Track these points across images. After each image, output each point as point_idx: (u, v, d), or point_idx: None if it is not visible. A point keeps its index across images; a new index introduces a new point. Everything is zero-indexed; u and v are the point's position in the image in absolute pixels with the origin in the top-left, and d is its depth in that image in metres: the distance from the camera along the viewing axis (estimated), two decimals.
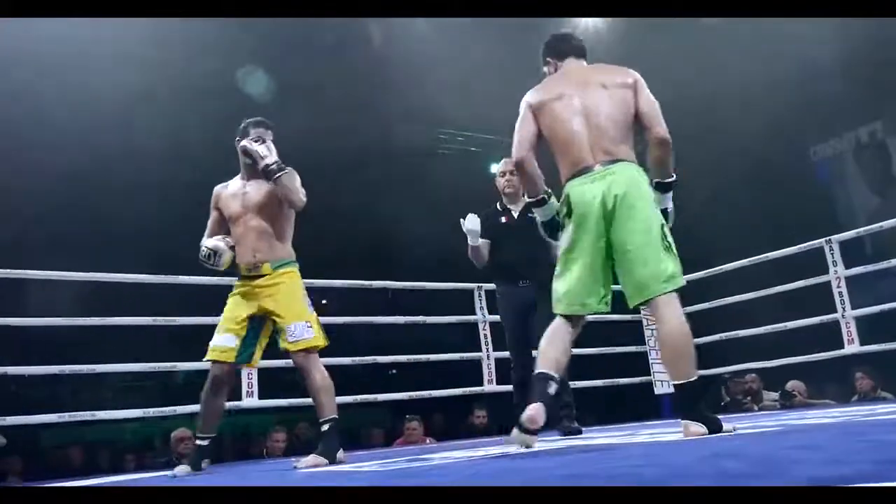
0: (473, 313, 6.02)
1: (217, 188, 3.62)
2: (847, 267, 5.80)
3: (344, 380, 7.97)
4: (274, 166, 3.38)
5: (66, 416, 4.83)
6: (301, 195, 3.45)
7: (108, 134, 7.65)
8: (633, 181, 2.68)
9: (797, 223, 7.64)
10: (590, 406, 7.73)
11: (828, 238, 5.90)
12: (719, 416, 2.72)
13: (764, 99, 8.18)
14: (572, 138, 2.75)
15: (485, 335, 5.94)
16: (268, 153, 3.40)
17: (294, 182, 3.43)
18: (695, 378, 2.61)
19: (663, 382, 6.60)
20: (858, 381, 6.15)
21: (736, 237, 7.99)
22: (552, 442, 3.43)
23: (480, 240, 4.27)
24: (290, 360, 3.48)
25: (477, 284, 6.01)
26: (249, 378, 4.96)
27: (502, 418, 7.25)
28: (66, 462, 6.80)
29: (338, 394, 5.55)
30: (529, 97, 2.89)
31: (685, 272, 2.78)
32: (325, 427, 3.39)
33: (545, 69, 3.08)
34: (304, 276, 3.57)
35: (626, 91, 2.80)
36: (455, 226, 4.32)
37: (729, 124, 8.69)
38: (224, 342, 3.40)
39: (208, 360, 3.42)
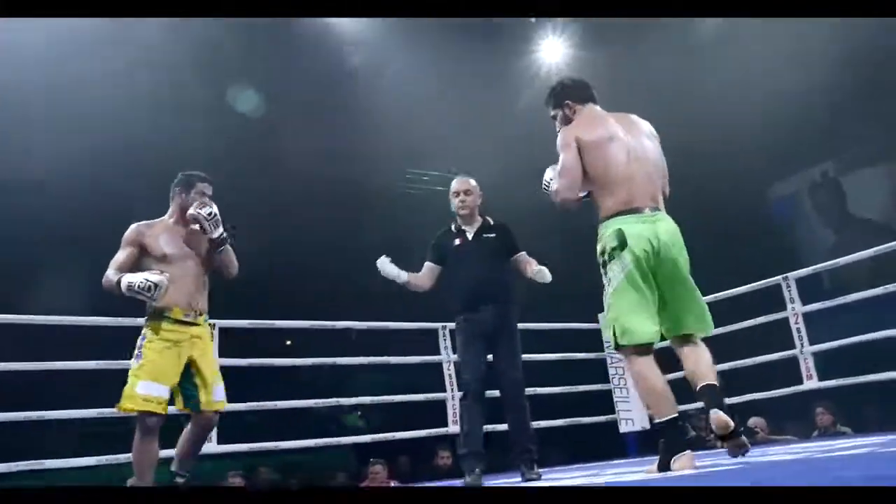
0: (438, 353, 5.93)
1: (139, 226, 3.46)
2: (806, 303, 5.83)
3: (308, 422, 7.85)
4: (221, 238, 3.45)
5: (12, 466, 4.59)
6: (236, 267, 3.58)
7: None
8: (677, 231, 2.88)
9: (756, 261, 7.70)
10: (555, 444, 7.66)
11: (785, 275, 5.94)
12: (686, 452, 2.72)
13: (722, 139, 8.32)
14: (626, 180, 2.84)
15: (449, 374, 5.84)
16: (217, 224, 3.43)
17: (231, 253, 3.56)
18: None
19: (628, 421, 6.55)
20: (819, 416, 6.17)
21: (696, 275, 8.02)
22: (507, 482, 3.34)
23: (407, 274, 4.15)
24: (245, 405, 3.36)
25: (441, 324, 5.93)
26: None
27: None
28: None
29: (301, 437, 5.47)
30: (580, 133, 2.92)
31: None
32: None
33: (559, 111, 3.13)
34: (267, 316, 3.50)
35: (659, 145, 3.02)
36: (419, 263, 4.25)
37: (689, 163, 8.79)
38: (158, 392, 3.23)
39: (140, 411, 3.21)
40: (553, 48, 9.47)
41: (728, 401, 6.21)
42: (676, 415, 2.78)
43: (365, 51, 8.54)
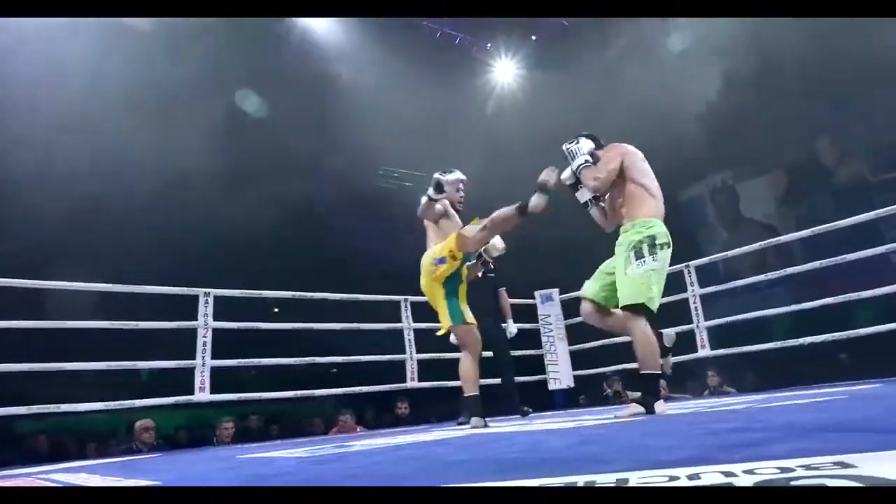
0: (401, 321, 5.97)
1: None
2: (703, 286, 5.99)
3: (290, 377, 7.83)
4: None
5: (34, 409, 4.54)
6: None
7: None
8: None
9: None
10: (500, 399, 7.75)
11: (687, 263, 6.08)
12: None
13: (644, 146, 8.44)
14: (657, 192, 3.20)
15: (409, 339, 5.88)
16: None
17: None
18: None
19: (556, 380, 6.67)
20: (709, 378, 6.36)
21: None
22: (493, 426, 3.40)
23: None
24: (236, 361, 3.35)
25: (403, 297, 5.97)
26: (202, 375, 4.77)
27: (420, 409, 7.22)
28: (36, 449, 6.41)
29: (284, 389, 5.46)
30: (627, 149, 3.24)
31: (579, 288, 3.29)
32: None
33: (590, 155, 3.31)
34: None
35: None
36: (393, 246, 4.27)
37: None
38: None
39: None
40: (505, 69, 9.52)
41: (632, 367, 6.40)
42: (660, 370, 3.07)
43: (341, 58, 8.47)
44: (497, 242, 3.86)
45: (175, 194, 7.67)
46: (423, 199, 3.61)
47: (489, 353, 5.03)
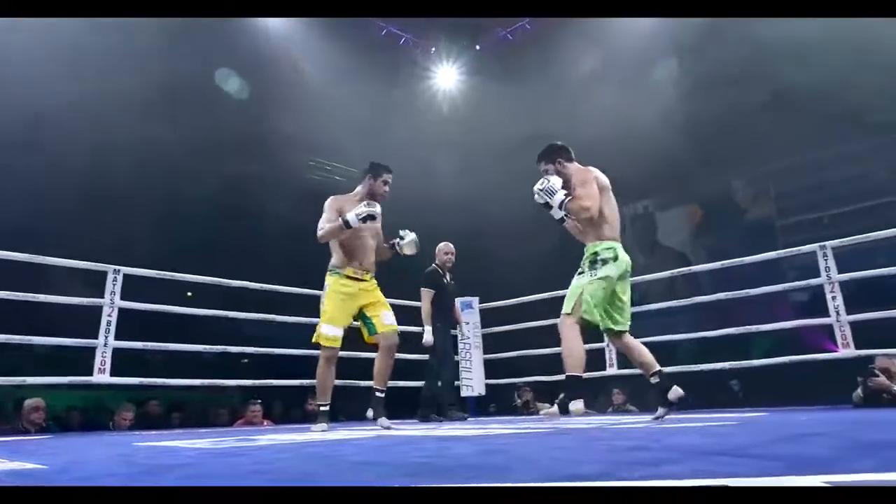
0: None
1: (337, 198, 3.78)
2: None
3: (198, 365, 7.57)
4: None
5: None
6: (383, 258, 3.95)
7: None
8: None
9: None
10: (415, 403, 7.74)
11: None
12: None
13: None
14: (617, 218, 3.42)
15: None
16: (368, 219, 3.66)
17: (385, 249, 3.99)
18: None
19: (469, 387, 6.73)
20: (614, 396, 6.58)
21: (535, 277, 8.29)
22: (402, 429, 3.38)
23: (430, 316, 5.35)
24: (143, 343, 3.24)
25: (321, 292, 5.89)
26: (103, 356, 4.54)
27: (334, 406, 7.12)
28: None
29: (191, 377, 5.26)
30: (598, 175, 3.41)
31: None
32: None
33: (550, 166, 3.46)
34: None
35: None
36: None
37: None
38: (333, 332, 3.63)
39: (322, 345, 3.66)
40: (447, 74, 9.58)
41: (545, 379, 6.55)
42: (581, 375, 3.28)
43: (283, 47, 8.31)
44: (406, 250, 3.90)
45: (101, 165, 7.32)
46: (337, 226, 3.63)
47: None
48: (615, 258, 3.29)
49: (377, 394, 3.77)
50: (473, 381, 6.70)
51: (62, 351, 5.12)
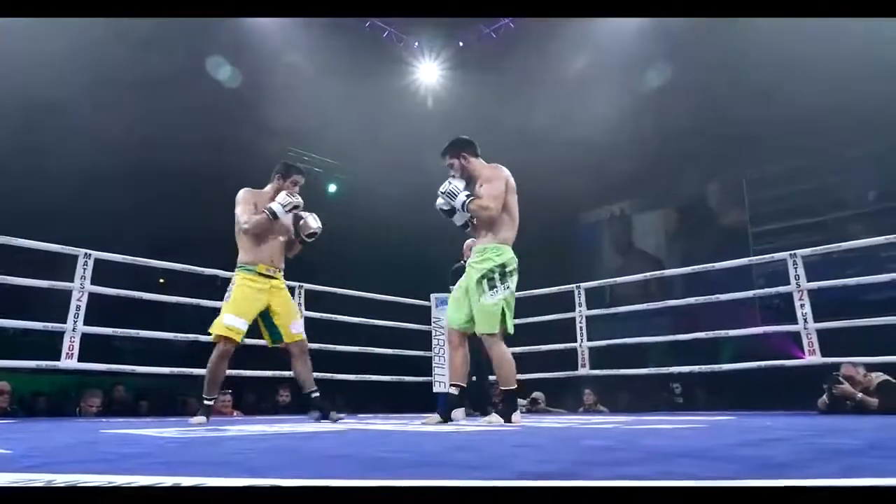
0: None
1: (250, 191, 3.72)
2: (590, 308, 6.24)
3: (169, 353, 7.46)
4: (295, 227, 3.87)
5: None
6: (294, 253, 3.89)
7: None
8: None
9: (561, 270, 8.09)
10: (379, 397, 7.74)
11: (578, 284, 6.32)
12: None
13: (545, 170, 8.64)
14: (517, 219, 3.38)
15: None
16: (286, 213, 3.65)
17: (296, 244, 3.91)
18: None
19: (440, 383, 6.73)
20: (585, 395, 6.63)
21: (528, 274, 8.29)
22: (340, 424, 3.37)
23: None
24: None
25: (298, 284, 5.85)
26: (71, 341, 4.46)
27: (302, 398, 7.08)
28: None
29: (162, 364, 5.19)
30: (507, 174, 3.35)
31: None
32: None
33: (456, 160, 3.41)
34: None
35: None
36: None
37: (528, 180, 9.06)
38: (238, 324, 3.49)
39: (222, 336, 3.50)
40: (429, 70, 9.56)
41: (520, 377, 6.62)
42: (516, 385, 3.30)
43: (270, 45, 8.23)
44: (310, 222, 3.79)
45: (80, 147, 7.17)
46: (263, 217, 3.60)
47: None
48: (517, 269, 3.34)
49: (313, 394, 3.76)
50: (445, 378, 6.70)
51: (27, 334, 5.03)
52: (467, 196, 3.30)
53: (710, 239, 8.94)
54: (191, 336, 5.26)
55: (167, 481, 1.02)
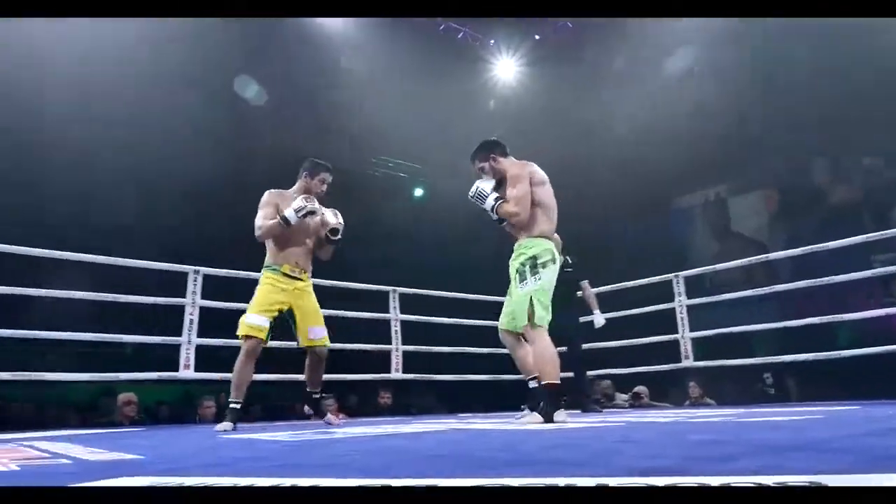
0: (388, 312, 5.99)
1: (274, 193, 3.69)
2: (690, 297, 6.03)
3: (273, 360, 7.83)
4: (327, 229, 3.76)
5: (20, 375, 4.54)
6: (328, 255, 3.83)
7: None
8: None
9: (656, 259, 7.86)
10: (478, 397, 7.78)
11: (676, 273, 6.12)
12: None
13: (633, 155, 8.42)
14: (552, 215, 3.31)
15: (395, 331, 5.90)
16: (304, 215, 3.58)
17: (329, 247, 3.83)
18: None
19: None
20: (690, 388, 6.41)
21: (604, 269, 8.14)
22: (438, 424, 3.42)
23: None
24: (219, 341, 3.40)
25: (392, 288, 6.00)
26: (187, 353, 4.78)
27: (403, 399, 7.25)
28: (21, 416, 6.40)
29: (268, 372, 5.46)
30: (534, 170, 3.31)
31: None
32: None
33: (484, 164, 3.40)
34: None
35: None
36: (387, 236, 4.28)
37: (609, 175, 8.90)
38: (260, 322, 3.51)
39: (246, 335, 3.50)
40: (506, 66, 9.54)
41: (619, 372, 6.45)
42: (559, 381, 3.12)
43: (340, 47, 8.45)
44: (328, 217, 3.70)
45: (179, 173, 7.66)
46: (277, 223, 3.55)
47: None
48: (553, 260, 3.24)
49: (314, 394, 3.83)
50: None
51: (148, 348, 5.39)
52: (496, 200, 3.32)
53: (817, 219, 8.42)
54: (290, 343, 5.51)
55: (286, 482, 1.09)
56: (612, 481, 1.01)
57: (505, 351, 3.65)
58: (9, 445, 2.60)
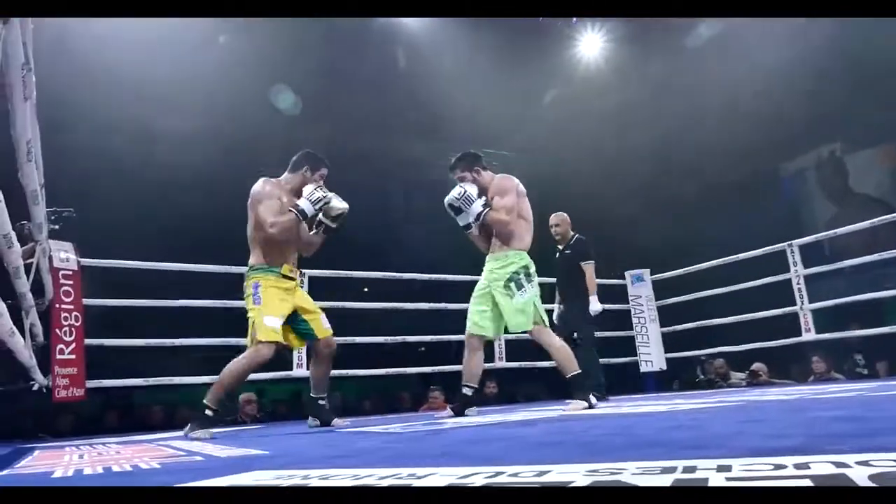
0: None
1: (270, 182, 3.40)
2: (807, 267, 5.69)
3: (381, 355, 8.05)
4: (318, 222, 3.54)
5: (151, 381, 4.93)
6: (312, 250, 3.62)
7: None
8: None
9: (765, 229, 7.45)
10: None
11: (790, 242, 5.78)
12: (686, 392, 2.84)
13: (738, 119, 7.98)
14: (531, 223, 3.54)
15: None
16: (319, 207, 3.40)
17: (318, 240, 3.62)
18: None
19: (647, 362, 6.53)
20: (814, 364, 6.05)
21: (709, 241, 7.78)
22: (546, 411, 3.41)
23: None
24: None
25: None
26: (299, 352, 5.01)
27: (509, 388, 7.26)
28: (151, 418, 6.90)
29: (376, 366, 5.64)
30: (518, 184, 3.51)
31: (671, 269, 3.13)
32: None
33: (467, 174, 3.52)
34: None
35: None
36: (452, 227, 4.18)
37: (712, 141, 8.46)
38: (275, 324, 3.26)
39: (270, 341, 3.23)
40: (591, 42, 9.28)
41: (735, 349, 6.18)
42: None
43: (427, 46, 8.50)
44: (335, 203, 3.40)
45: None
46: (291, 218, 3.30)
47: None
48: (535, 273, 3.49)
49: (319, 401, 3.56)
50: (652, 356, 6.50)
51: None
52: (483, 206, 3.43)
53: None
54: (398, 338, 5.69)
55: (403, 472, 1.12)
56: (734, 462, 0.97)
57: (615, 333, 3.76)
58: (145, 446, 2.83)
